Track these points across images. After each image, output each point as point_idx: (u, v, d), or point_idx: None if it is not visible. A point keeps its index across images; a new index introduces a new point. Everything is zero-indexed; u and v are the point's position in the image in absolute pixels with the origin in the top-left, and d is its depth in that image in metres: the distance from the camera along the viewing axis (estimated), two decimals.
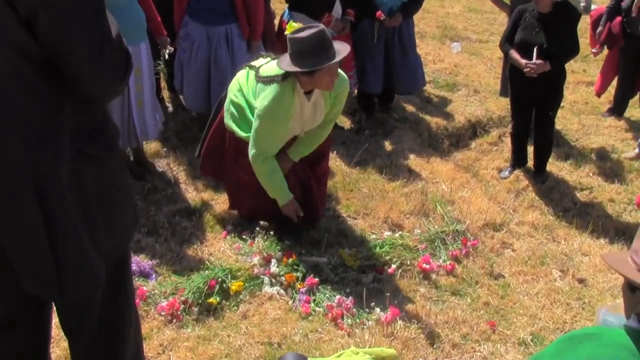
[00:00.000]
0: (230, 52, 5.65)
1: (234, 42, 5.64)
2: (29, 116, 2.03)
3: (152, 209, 4.98)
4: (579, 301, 4.52)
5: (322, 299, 4.17)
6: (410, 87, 7.06)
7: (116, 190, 2.34)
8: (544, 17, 5.62)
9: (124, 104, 4.93)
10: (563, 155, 6.75)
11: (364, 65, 6.70)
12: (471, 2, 12.53)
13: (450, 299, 4.40)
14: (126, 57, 2.17)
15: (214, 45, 5.58)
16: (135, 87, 4.95)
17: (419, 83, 7.08)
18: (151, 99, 5.16)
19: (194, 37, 5.56)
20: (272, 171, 4.45)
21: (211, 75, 5.67)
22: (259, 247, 4.52)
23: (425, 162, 6.29)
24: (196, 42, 5.55)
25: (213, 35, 5.56)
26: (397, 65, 6.74)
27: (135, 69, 4.84)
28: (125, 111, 4.97)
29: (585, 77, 8.91)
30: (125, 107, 4.95)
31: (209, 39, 5.57)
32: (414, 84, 7.01)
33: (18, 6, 1.88)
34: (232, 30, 5.62)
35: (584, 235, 5.41)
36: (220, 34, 5.57)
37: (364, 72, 6.73)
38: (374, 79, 6.73)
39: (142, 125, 5.13)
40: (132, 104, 4.96)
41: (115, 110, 4.88)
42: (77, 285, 2.23)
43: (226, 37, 5.60)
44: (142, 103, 5.04)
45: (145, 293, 4.03)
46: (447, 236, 4.96)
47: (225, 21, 5.56)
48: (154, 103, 5.26)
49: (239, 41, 5.67)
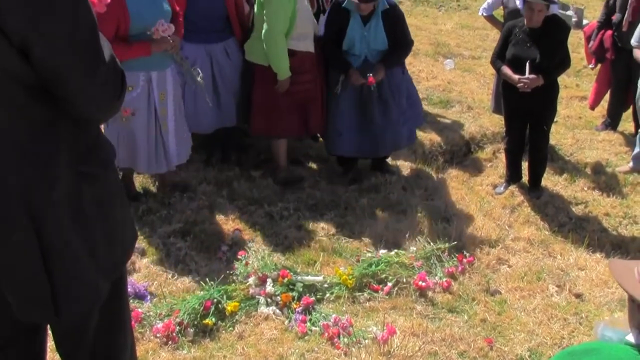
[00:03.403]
0: (233, 66, 5.69)
1: (233, 56, 5.68)
2: (22, 139, 2.03)
3: (146, 230, 4.97)
4: (576, 316, 4.50)
5: (318, 318, 4.15)
6: (392, 147, 6.10)
7: (114, 208, 2.35)
8: (535, 32, 5.65)
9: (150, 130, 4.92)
10: (558, 170, 6.75)
11: (330, 121, 5.86)
12: (463, 19, 12.60)
13: (447, 316, 4.38)
14: (121, 77, 2.18)
15: (216, 61, 5.59)
16: (160, 111, 4.93)
17: (401, 140, 6.10)
18: (175, 124, 5.09)
19: (194, 58, 5.48)
20: (282, 48, 5.34)
21: (219, 88, 5.66)
22: (254, 267, 4.51)
23: (420, 179, 6.28)
24: (197, 62, 5.48)
25: (213, 52, 5.57)
26: (376, 125, 5.78)
27: (159, 93, 4.85)
28: (152, 137, 4.95)
29: (578, 92, 8.93)
30: (152, 132, 4.94)
31: (210, 56, 5.57)
32: (395, 144, 6.07)
33: (10, 33, 1.88)
34: (230, 45, 5.66)
35: (580, 250, 5.40)
36: (219, 50, 5.60)
37: (329, 130, 5.92)
38: (344, 139, 5.85)
39: (167, 151, 5.09)
40: (158, 129, 4.96)
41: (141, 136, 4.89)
42: (74, 306, 2.23)
43: (225, 52, 5.63)
44: (167, 128, 5.01)
45: (140, 315, 4.01)
46: (443, 253, 4.94)
47: (223, 37, 5.60)
48: (180, 128, 5.18)
49: (238, 54, 5.71)
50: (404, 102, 5.96)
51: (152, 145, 4.99)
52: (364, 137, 5.80)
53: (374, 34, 5.56)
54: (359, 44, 5.59)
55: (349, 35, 5.56)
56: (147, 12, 4.63)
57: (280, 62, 5.43)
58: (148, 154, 4.98)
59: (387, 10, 5.57)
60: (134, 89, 4.71)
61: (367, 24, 5.53)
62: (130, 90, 4.62)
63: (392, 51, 5.68)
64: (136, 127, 4.86)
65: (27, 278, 2.15)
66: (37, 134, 2.06)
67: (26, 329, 2.40)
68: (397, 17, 5.67)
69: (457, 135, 7.37)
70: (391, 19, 5.59)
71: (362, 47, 5.60)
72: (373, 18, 5.53)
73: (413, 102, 6.16)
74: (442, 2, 13.82)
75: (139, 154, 4.96)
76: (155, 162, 5.06)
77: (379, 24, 5.55)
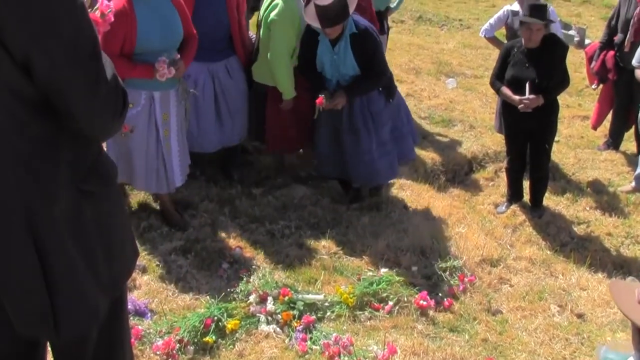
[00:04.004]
0: (235, 84, 5.71)
1: (234, 74, 5.69)
2: (22, 155, 2.04)
3: (147, 247, 4.97)
4: (577, 336, 4.48)
5: (318, 337, 4.13)
6: (366, 179, 5.84)
7: (115, 225, 2.35)
8: (533, 52, 5.67)
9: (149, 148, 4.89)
10: (560, 190, 6.75)
11: (314, 142, 5.84)
12: (465, 38, 12.65)
13: (448, 335, 4.36)
14: (122, 95, 2.18)
15: (218, 80, 5.60)
16: (163, 131, 4.92)
17: (377, 174, 5.79)
18: (178, 145, 5.06)
19: (196, 76, 5.49)
20: (286, 69, 5.48)
21: (221, 107, 5.66)
22: (254, 285, 4.50)
23: (422, 197, 6.27)
24: (200, 80, 5.50)
25: (215, 71, 5.58)
26: (347, 154, 5.60)
27: (162, 113, 4.85)
28: (151, 156, 4.92)
29: (580, 112, 8.95)
30: (152, 151, 4.91)
31: (212, 75, 5.57)
32: (370, 176, 5.78)
33: (12, 50, 1.89)
34: (231, 63, 5.67)
35: (582, 270, 5.39)
36: (221, 68, 5.61)
37: (315, 150, 5.90)
38: (325, 163, 5.85)
39: (170, 172, 5.05)
40: (159, 149, 4.93)
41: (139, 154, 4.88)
42: (74, 323, 2.23)
43: (226, 70, 5.64)
44: (170, 148, 4.99)
45: (140, 332, 4.00)
46: (444, 272, 4.94)
47: (225, 55, 5.61)
48: (182, 149, 5.14)
49: (239, 72, 5.73)
50: (385, 133, 5.63)
51: (151, 164, 4.95)
52: (339, 163, 5.71)
53: (343, 58, 5.30)
54: (328, 67, 5.40)
55: (319, 58, 5.41)
56: (156, 35, 4.61)
57: (285, 83, 5.54)
58: (146, 172, 4.95)
59: (355, 35, 5.24)
60: (135, 106, 4.69)
61: (335, 47, 5.30)
62: (130, 107, 4.60)
63: (359, 79, 5.40)
64: (134, 144, 4.85)
65: (27, 294, 2.15)
66: (38, 150, 2.07)
67: (26, 344, 2.40)
68: (367, 42, 5.29)
69: (458, 154, 7.38)
70: (360, 44, 5.26)
71: (332, 70, 5.40)
72: (341, 41, 5.26)
73: (400, 136, 5.80)
74: (445, 21, 13.88)
75: (136, 171, 4.94)
76: (155, 181, 5.03)
77: (347, 48, 5.26)
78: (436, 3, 15.26)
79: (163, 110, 4.86)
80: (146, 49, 4.60)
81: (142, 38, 4.56)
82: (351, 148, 5.56)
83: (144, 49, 4.60)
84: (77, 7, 1.96)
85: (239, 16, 5.58)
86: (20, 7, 1.86)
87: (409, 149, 5.96)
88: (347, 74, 5.40)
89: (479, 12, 14.60)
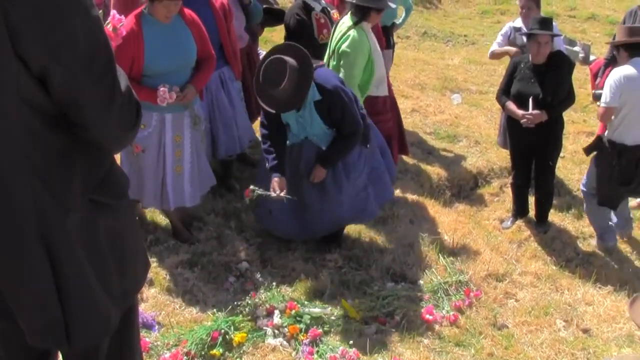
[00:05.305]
0: (227, 95, 5.69)
1: (228, 85, 5.68)
2: (37, 166, 2.05)
3: (154, 260, 4.98)
4: (583, 351, 4.48)
5: (325, 351, 4.15)
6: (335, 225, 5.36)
7: (127, 237, 2.37)
8: (539, 68, 5.70)
9: (158, 168, 4.92)
10: (565, 205, 6.76)
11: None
12: (471, 54, 12.69)
13: (454, 350, 4.37)
14: (136, 107, 2.21)
15: (213, 91, 5.58)
16: (174, 153, 4.91)
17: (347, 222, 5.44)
18: (191, 167, 5.01)
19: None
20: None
21: (216, 121, 5.63)
22: (261, 299, 4.52)
23: (427, 212, 6.29)
24: None
25: (209, 81, 5.52)
26: (311, 209, 5.10)
27: (175, 136, 4.86)
28: (159, 175, 4.94)
29: (585, 127, 8.95)
30: (160, 171, 4.93)
31: (206, 85, 5.58)
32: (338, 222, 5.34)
33: (29, 62, 1.92)
34: (225, 74, 5.65)
35: (588, 285, 5.40)
36: (214, 79, 5.55)
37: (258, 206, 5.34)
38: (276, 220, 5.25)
39: (179, 191, 5.02)
40: (167, 169, 4.93)
41: (149, 174, 4.91)
42: (86, 334, 2.24)
43: (220, 81, 5.63)
44: (182, 170, 4.98)
45: (148, 345, 4.02)
46: (450, 287, 4.95)
47: (218, 65, 5.43)
48: (196, 171, 5.07)
49: (232, 83, 5.72)
50: (361, 180, 5.14)
51: (159, 184, 4.97)
52: (298, 220, 5.17)
53: (310, 120, 4.90)
54: (295, 125, 4.98)
55: (283, 117, 4.97)
56: (164, 57, 4.62)
57: None
58: (154, 192, 4.98)
59: (319, 101, 4.81)
60: (146, 128, 4.71)
61: (299, 111, 4.88)
62: (142, 129, 4.63)
63: (332, 146, 4.97)
64: (145, 164, 4.88)
65: (40, 304, 2.17)
66: (53, 161, 2.08)
67: (37, 354, 2.41)
68: (333, 105, 4.81)
69: (464, 169, 7.40)
70: (326, 109, 4.83)
71: (299, 129, 4.99)
72: (305, 109, 4.85)
73: (378, 177, 5.31)
74: (450, 36, 13.93)
75: (145, 190, 4.97)
76: (160, 199, 5.04)
77: (312, 112, 4.85)
78: (441, 19, 15.32)
79: (175, 133, 4.86)
80: (155, 71, 4.62)
81: (150, 59, 4.58)
82: (317, 203, 5.08)
83: (152, 71, 4.62)
84: (91, 18, 1.99)
85: (227, 24, 5.54)
86: (36, 20, 1.89)
87: (386, 189, 5.43)
88: (315, 133, 4.99)
89: (484, 28, 14.65)
